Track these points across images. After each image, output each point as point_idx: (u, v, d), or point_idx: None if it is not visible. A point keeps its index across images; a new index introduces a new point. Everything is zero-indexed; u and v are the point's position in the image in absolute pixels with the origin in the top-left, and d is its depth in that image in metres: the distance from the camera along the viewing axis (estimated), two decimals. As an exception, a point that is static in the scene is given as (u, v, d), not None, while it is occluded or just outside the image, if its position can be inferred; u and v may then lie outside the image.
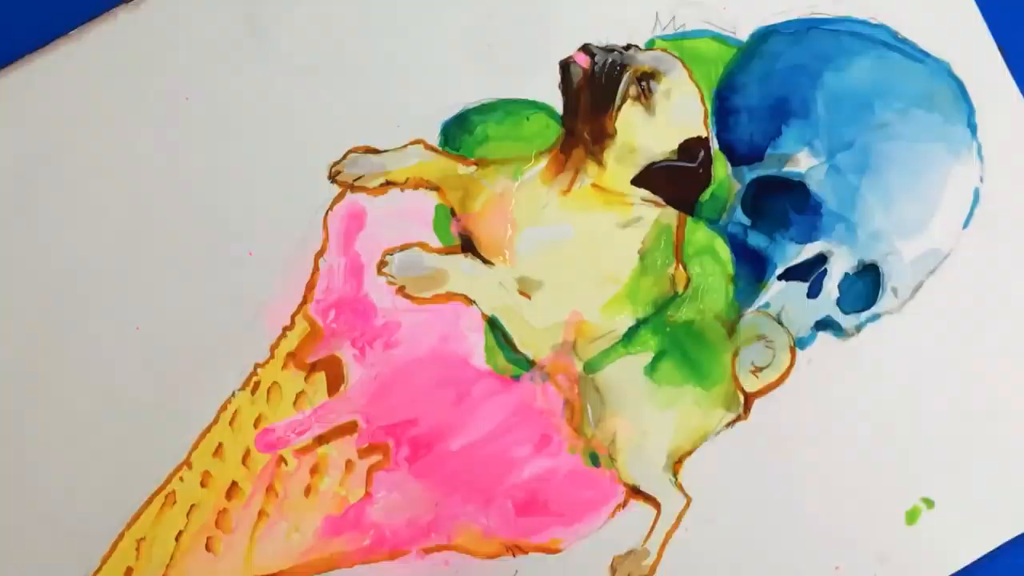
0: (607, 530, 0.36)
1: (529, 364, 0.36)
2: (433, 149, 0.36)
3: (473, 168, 0.36)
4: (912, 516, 0.36)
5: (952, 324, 0.36)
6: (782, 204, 0.36)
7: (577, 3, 0.37)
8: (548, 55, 0.36)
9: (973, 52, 0.37)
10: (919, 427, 0.36)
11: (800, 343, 0.36)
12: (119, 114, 0.36)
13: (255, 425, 0.36)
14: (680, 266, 0.36)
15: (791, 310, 0.36)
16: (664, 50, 0.37)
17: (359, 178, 0.36)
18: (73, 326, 0.35)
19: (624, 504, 0.36)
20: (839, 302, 0.36)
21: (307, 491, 0.36)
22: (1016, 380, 0.36)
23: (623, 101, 0.36)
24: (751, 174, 0.36)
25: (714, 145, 0.36)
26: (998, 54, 0.37)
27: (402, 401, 0.36)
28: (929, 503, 0.36)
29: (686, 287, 0.36)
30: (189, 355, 0.35)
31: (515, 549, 0.36)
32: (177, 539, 0.35)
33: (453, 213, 0.36)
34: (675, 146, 0.36)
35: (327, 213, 0.36)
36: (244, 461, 0.36)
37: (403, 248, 0.36)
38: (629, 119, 0.36)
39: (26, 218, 0.36)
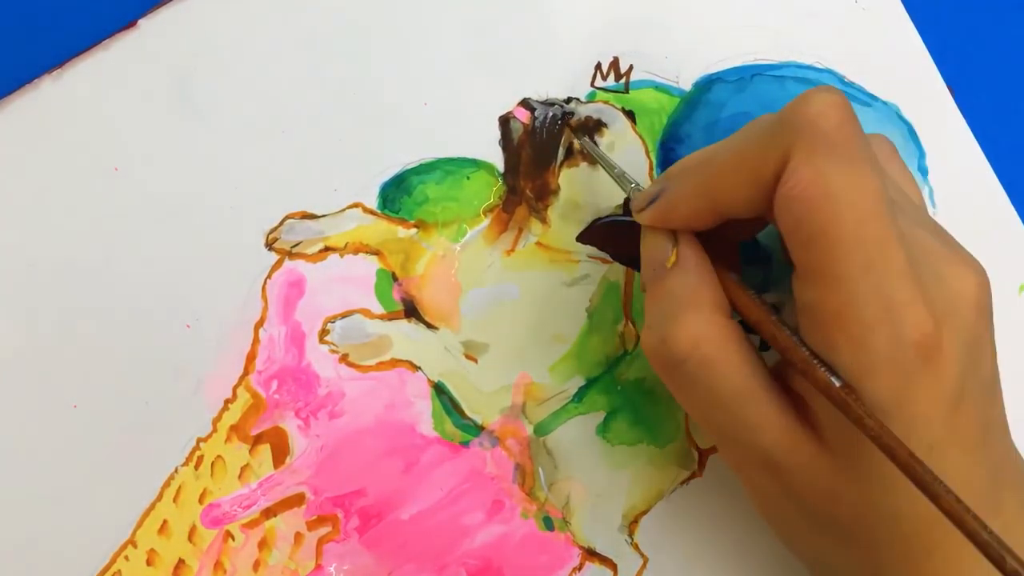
0: (563, 595, 0.35)
1: (478, 429, 0.35)
2: (372, 212, 0.35)
3: (414, 230, 0.35)
4: (872, 569, 0.35)
5: (908, 373, 0.35)
6: (731, 256, 0.35)
7: (516, 57, 0.36)
8: (487, 111, 0.35)
9: (922, 94, 0.36)
10: (877, 478, 0.35)
11: (754, 397, 0.35)
12: (48, 186, 0.35)
13: (200, 500, 0.35)
14: (629, 323, 0.36)
15: (744, 364, 0.35)
16: (606, 102, 0.36)
17: (297, 244, 0.35)
18: (8, 406, 0.34)
19: (580, 567, 0.35)
20: (792, 354, 0.35)
21: (256, 566, 0.35)
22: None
23: (566, 156, 0.35)
24: (699, 226, 0.35)
25: (660, 198, 0.35)
26: (948, 95, 0.36)
27: (349, 471, 0.35)
28: (889, 555, 0.35)
29: (636, 344, 0.35)
30: (129, 432, 0.35)
31: (470, 618, 0.35)
32: (124, 621, 0.35)
33: (395, 277, 0.35)
34: (620, 200, 0.35)
35: (265, 282, 0.35)
36: (190, 538, 0.35)
37: (345, 315, 0.35)
38: (572, 174, 0.35)
39: (-45, 297, 0.35)
